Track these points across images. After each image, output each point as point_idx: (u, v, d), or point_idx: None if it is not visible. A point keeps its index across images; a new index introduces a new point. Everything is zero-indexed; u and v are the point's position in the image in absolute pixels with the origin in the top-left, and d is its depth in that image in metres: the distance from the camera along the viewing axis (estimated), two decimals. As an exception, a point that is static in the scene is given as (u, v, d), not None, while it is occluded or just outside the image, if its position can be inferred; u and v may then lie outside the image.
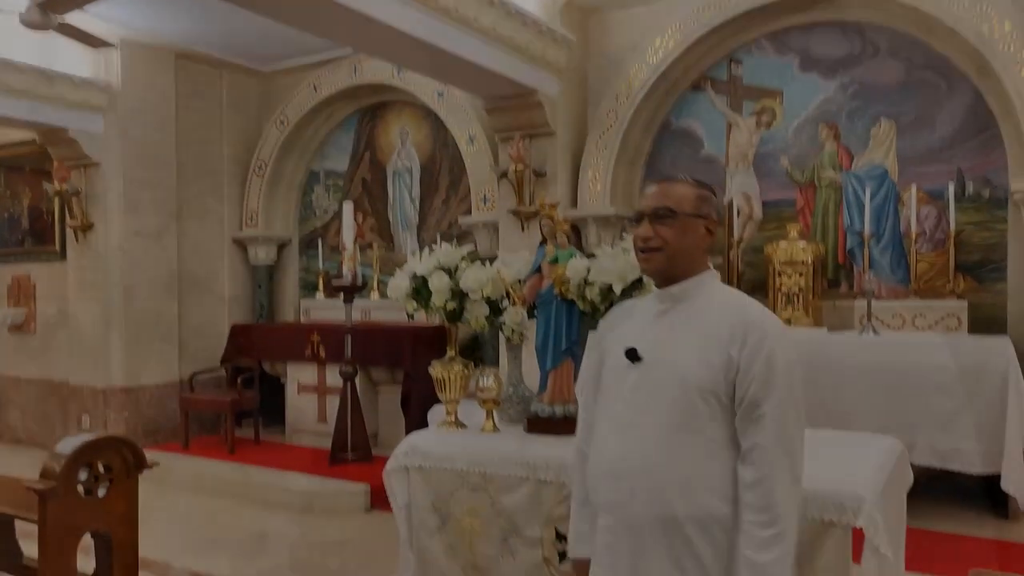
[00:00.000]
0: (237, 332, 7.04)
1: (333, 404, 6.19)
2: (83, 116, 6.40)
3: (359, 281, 6.02)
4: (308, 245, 7.71)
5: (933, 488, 4.49)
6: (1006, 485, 3.88)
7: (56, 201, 7.04)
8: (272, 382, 7.06)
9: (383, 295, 7.07)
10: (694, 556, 1.67)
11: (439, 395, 3.09)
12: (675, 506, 1.67)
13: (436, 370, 3.08)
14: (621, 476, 1.71)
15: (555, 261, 2.90)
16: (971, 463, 4.04)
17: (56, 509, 2.15)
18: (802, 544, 2.16)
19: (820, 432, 2.95)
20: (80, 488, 2.22)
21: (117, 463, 2.31)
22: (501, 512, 2.68)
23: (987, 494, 4.40)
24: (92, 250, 6.73)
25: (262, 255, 7.65)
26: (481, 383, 2.95)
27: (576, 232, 5.88)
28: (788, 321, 4.99)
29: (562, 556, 2.59)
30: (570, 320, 2.87)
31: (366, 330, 6.19)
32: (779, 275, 5.06)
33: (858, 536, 2.11)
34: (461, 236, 6.72)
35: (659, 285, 1.81)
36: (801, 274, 5.00)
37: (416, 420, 5.93)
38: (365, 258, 7.25)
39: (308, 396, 6.64)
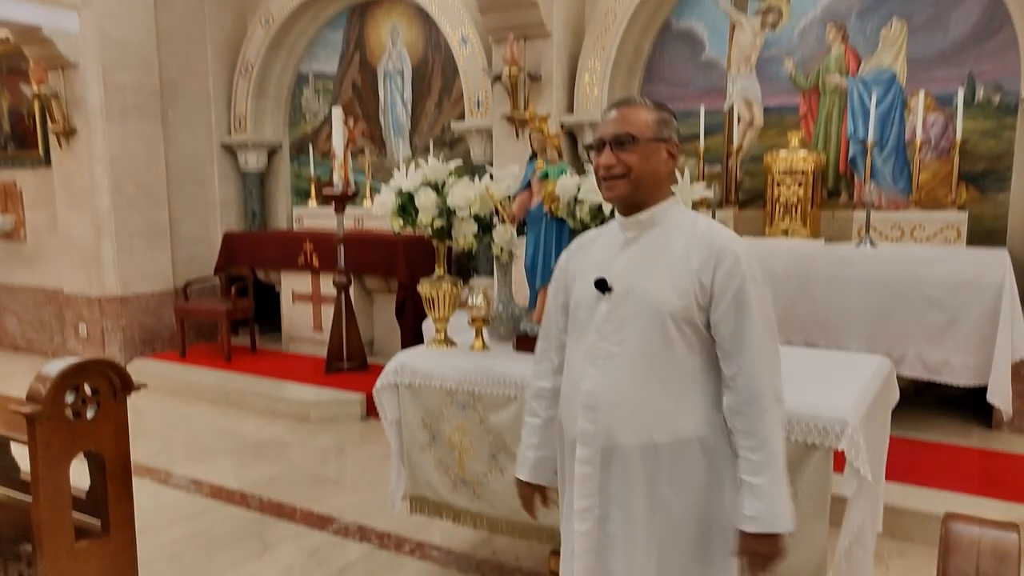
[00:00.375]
0: (230, 240, 6.98)
1: (328, 313, 6.21)
2: (57, 14, 6.11)
3: (351, 189, 5.91)
4: (299, 151, 7.54)
5: (919, 397, 4.56)
6: (992, 397, 3.91)
7: (36, 104, 6.83)
8: (267, 290, 7.07)
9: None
10: (671, 478, 1.69)
11: (428, 313, 3.07)
12: (653, 434, 1.68)
13: (425, 288, 3.05)
14: (597, 408, 1.71)
15: (545, 177, 2.82)
16: (960, 375, 4.06)
17: (45, 432, 2.15)
18: (785, 463, 2.20)
19: (809, 351, 2.96)
20: (68, 411, 2.22)
21: (104, 386, 2.31)
22: (490, 430, 2.71)
23: (972, 403, 4.46)
24: (77, 156, 6.58)
25: (252, 161, 7.49)
26: (470, 301, 2.92)
27: (572, 139, 5.74)
28: (785, 232, 4.93)
29: (549, 473, 2.63)
30: (560, 238, 2.81)
31: (359, 239, 6.13)
32: (778, 185, 4.96)
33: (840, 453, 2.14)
34: (454, 142, 6.58)
35: (624, 213, 1.77)
36: (800, 184, 4.90)
37: (411, 330, 5.98)
38: (357, 164, 7.11)
39: (303, 305, 6.65)
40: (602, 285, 1.73)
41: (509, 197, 2.97)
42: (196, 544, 3.32)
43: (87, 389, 2.28)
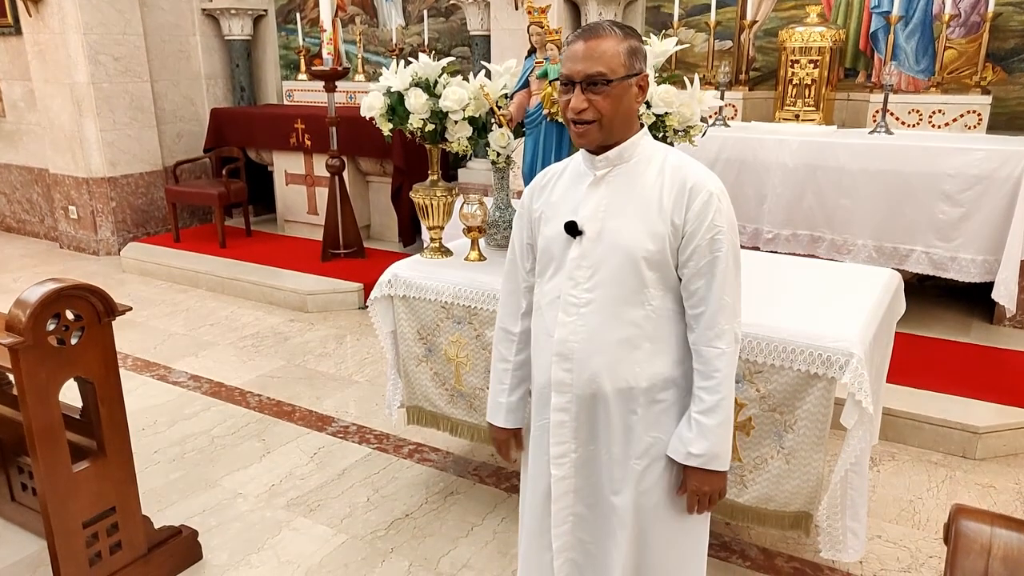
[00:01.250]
0: (218, 117, 6.71)
1: (323, 195, 6.06)
2: None
3: (341, 63, 5.59)
4: (286, 19, 7.10)
5: (921, 286, 4.49)
6: (997, 295, 3.84)
7: (-2, -33, 6.36)
8: (260, 170, 6.88)
9: (369, 77, 6.64)
10: (646, 419, 1.67)
11: (422, 222, 2.95)
12: (629, 380, 1.64)
13: (418, 196, 2.91)
14: (571, 356, 1.65)
15: (545, 76, 2.61)
16: (967, 272, 3.98)
17: (30, 362, 2.10)
18: (786, 391, 2.17)
19: (816, 263, 2.86)
20: (52, 339, 2.15)
21: (87, 310, 2.23)
22: (486, 345, 2.66)
23: (975, 293, 4.39)
24: (48, 25, 6.19)
25: (236, 28, 7.06)
26: (465, 210, 2.80)
27: (575, 10, 5.36)
28: (797, 116, 4.70)
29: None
30: (560, 143, 2.64)
31: (352, 118, 5.84)
32: (792, 65, 4.67)
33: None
34: (449, 11, 6.17)
35: (592, 152, 1.65)
36: (816, 64, 4.61)
37: (407, 215, 5.85)
38: (348, 34, 6.72)
39: (297, 187, 6.48)
40: (572, 229, 1.63)
41: (506, 96, 2.78)
42: (197, 446, 3.36)
43: (69, 315, 2.20)
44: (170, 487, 3.04)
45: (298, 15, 6.79)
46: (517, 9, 5.29)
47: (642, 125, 1.68)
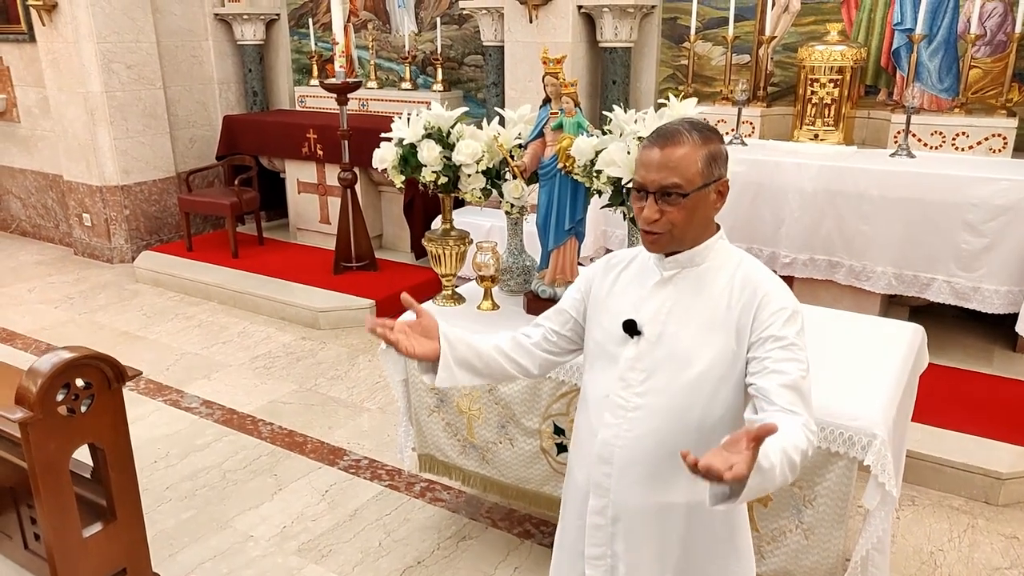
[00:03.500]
0: (230, 124, 6.67)
1: (335, 204, 6.03)
2: None
3: (354, 69, 5.53)
4: (298, 23, 7.03)
5: (941, 308, 4.40)
6: (1021, 328, 3.77)
7: (12, -26, 6.33)
8: (272, 176, 6.85)
9: (382, 84, 6.58)
10: (684, 537, 1.61)
11: (435, 269, 2.91)
12: (671, 495, 1.58)
13: (431, 245, 2.87)
14: (613, 461, 1.60)
15: (560, 128, 2.56)
16: (990, 303, 3.91)
17: (39, 435, 2.09)
18: (805, 466, 2.12)
19: (834, 316, 2.79)
20: (63, 409, 2.14)
21: (96, 378, 2.22)
22: (499, 400, 2.63)
23: (997, 316, 4.30)
24: (62, 34, 6.17)
25: (249, 33, 7.01)
26: (479, 259, 2.75)
27: (590, 23, 5.26)
28: (816, 135, 4.60)
29: (560, 448, 2.58)
30: (575, 196, 2.60)
31: (364, 128, 5.80)
32: (811, 83, 4.57)
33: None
34: (463, 19, 6.09)
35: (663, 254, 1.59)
36: (836, 84, 4.51)
37: (420, 227, 5.81)
38: (360, 39, 6.65)
39: (309, 195, 6.45)
40: (631, 328, 1.57)
41: (520, 145, 2.73)
42: (208, 481, 3.35)
43: (79, 383, 2.19)
44: (181, 528, 3.04)
45: (310, 20, 6.73)
46: (531, 22, 5.20)
47: (718, 227, 1.59)
